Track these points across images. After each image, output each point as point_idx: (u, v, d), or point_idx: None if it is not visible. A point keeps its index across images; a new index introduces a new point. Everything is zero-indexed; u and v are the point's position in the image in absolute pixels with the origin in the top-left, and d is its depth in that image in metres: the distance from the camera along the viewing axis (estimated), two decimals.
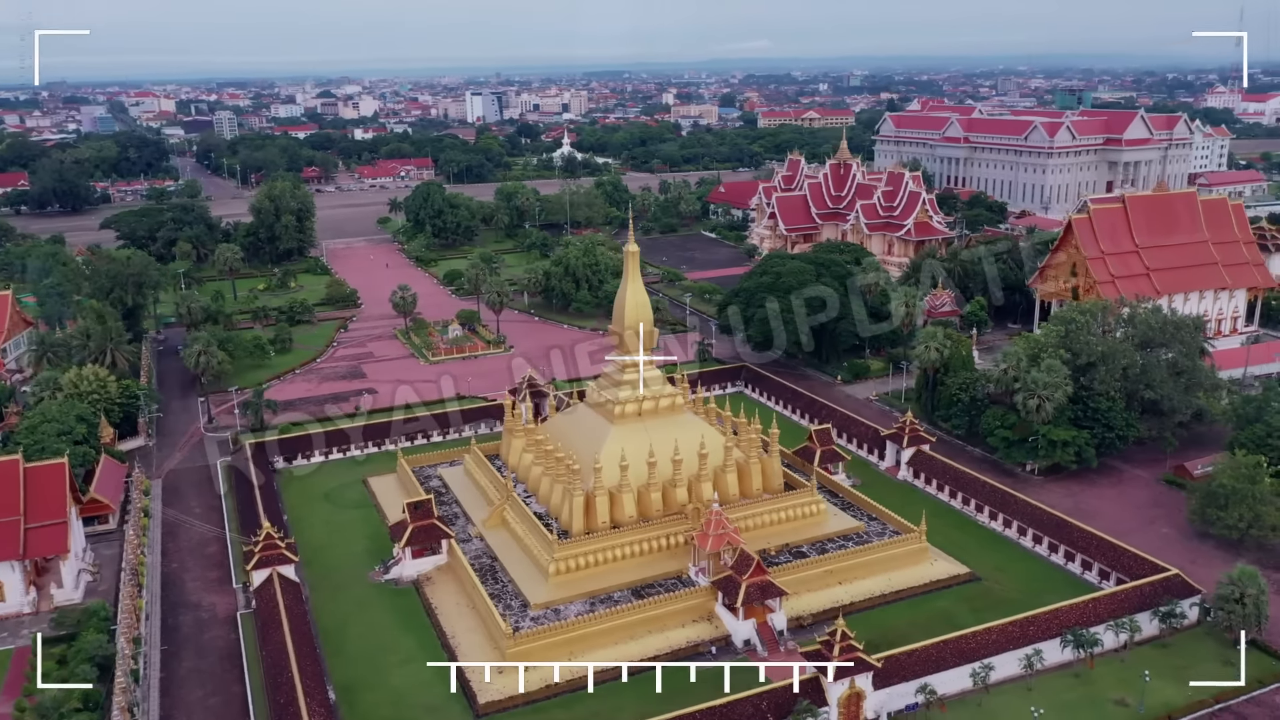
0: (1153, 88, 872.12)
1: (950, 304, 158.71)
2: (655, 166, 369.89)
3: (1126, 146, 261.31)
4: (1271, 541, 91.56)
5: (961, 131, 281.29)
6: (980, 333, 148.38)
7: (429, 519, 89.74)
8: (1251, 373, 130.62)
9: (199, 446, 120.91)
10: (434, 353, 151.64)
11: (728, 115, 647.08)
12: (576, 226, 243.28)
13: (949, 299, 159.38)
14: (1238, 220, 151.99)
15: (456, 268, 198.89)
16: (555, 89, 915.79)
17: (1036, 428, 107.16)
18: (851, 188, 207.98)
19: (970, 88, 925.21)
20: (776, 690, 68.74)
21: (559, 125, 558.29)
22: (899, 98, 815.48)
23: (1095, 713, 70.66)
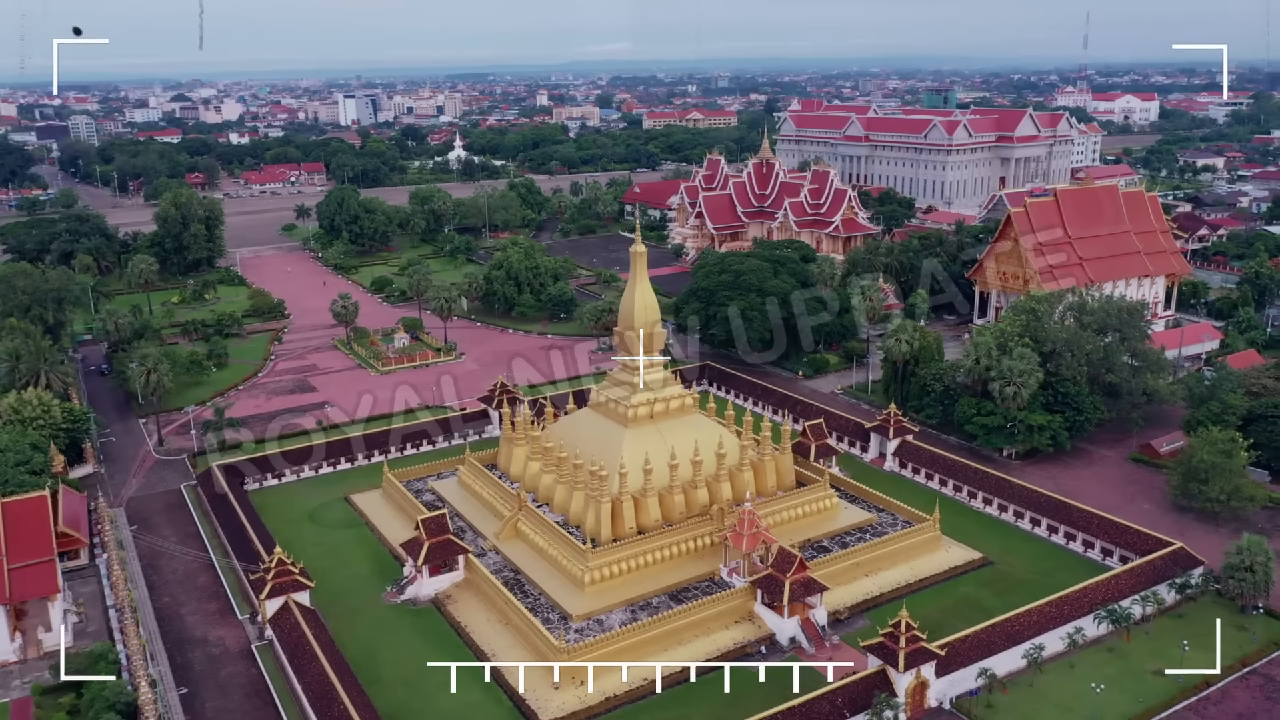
0: (1001, 88, 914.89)
1: (891, 298, 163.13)
2: (554, 169, 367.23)
3: (1018, 143, 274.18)
4: (1247, 512, 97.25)
5: (862, 130, 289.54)
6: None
7: (445, 534, 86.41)
8: (1184, 353, 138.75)
9: (154, 471, 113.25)
10: (383, 363, 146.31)
11: (609, 117, 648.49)
12: (495, 229, 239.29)
13: (890, 293, 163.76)
14: (1154, 211, 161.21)
15: (383, 275, 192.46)
16: (428, 91, 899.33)
17: (1014, 414, 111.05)
18: (775, 186, 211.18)
19: (833, 89, 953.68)
20: (849, 685, 68.91)
21: (442, 128, 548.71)
22: (769, 98, 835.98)
23: (1139, 684, 73.31)
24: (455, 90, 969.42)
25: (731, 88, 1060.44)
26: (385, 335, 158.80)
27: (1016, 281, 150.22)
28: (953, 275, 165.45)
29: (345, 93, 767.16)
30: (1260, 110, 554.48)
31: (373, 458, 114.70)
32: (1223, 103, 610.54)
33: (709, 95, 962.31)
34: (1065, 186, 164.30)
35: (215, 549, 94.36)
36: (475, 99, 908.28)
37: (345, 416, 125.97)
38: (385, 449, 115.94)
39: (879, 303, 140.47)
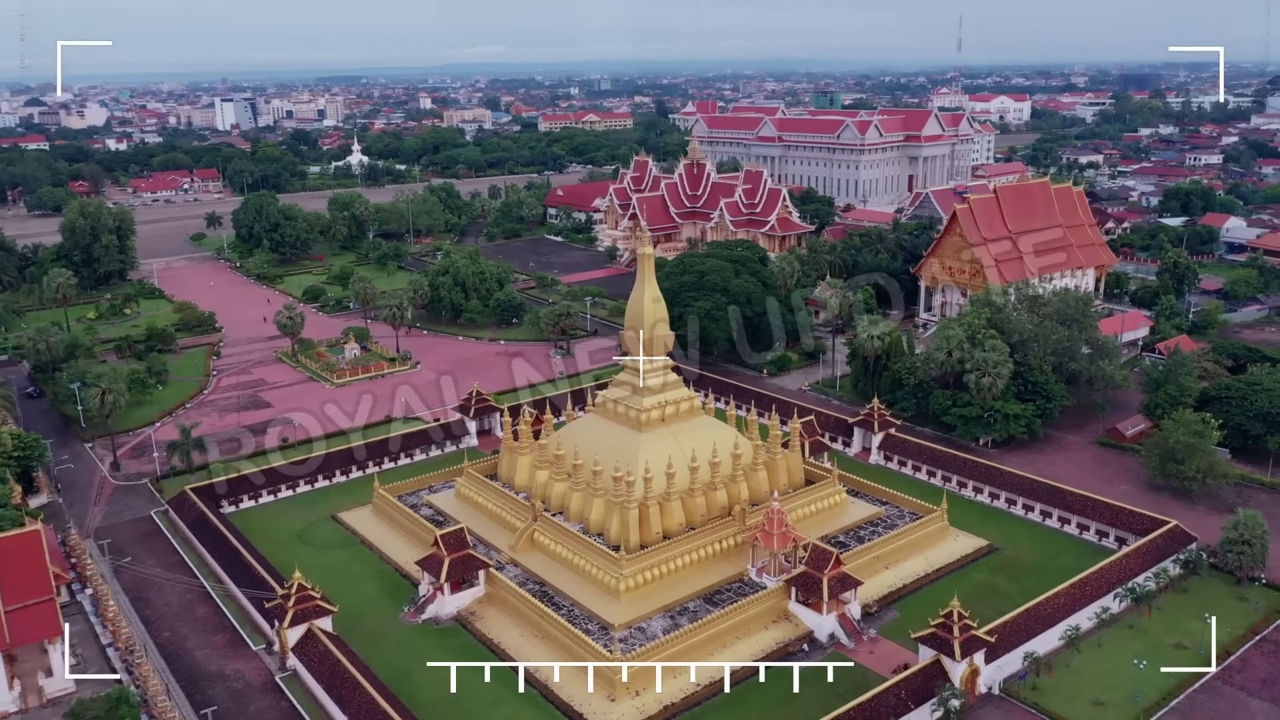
0: (874, 89, 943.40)
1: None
2: (461, 172, 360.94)
3: (925, 142, 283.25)
4: (1219, 489, 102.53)
5: (775, 131, 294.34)
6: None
7: (465, 549, 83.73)
8: (1122, 340, 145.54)
9: (116, 498, 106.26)
10: (337, 375, 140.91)
11: (500, 119, 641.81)
12: (418, 235, 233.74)
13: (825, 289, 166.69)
14: (1081, 206, 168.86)
15: (315, 284, 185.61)
16: (308, 94, 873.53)
17: (990, 404, 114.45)
18: (707, 187, 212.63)
19: (712, 90, 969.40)
20: (910, 678, 69.63)
21: (329, 132, 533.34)
22: (654, 99, 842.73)
23: (1164, 657, 76.29)
24: (333, 93, 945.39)
25: (614, 90, 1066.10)
26: (333, 346, 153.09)
27: (962, 276, 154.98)
28: (894, 272, 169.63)
29: (221, 96, 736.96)
30: (1124, 110, 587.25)
31: (351, 474, 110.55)
32: (1090, 103, 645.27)
33: (592, 97, 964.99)
34: (1006, 184, 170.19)
35: (207, 577, 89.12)
36: (355, 102, 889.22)
37: (308, 432, 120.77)
38: (363, 464, 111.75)
39: (846, 301, 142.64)
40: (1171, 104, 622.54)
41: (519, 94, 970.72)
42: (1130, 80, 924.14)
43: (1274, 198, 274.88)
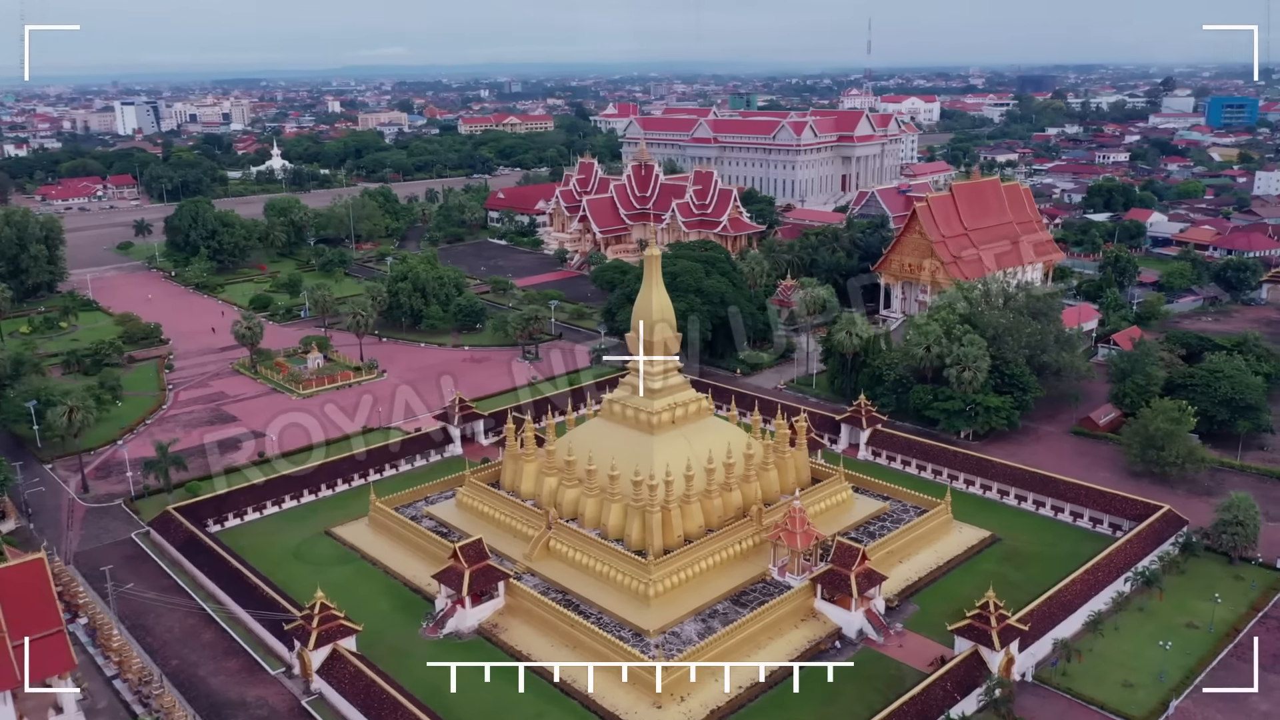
0: (782, 91, 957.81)
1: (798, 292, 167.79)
2: (388, 176, 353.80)
3: (858, 142, 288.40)
4: (1195, 474, 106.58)
5: (711, 132, 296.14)
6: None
7: (484, 561, 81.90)
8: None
9: (90, 521, 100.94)
10: (303, 385, 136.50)
11: (415, 122, 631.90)
12: (358, 240, 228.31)
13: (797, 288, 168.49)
14: (1028, 203, 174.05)
15: (262, 293, 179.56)
16: (212, 98, 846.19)
17: (972, 397, 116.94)
18: (655, 188, 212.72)
19: (624, 92, 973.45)
20: (954, 670, 70.53)
21: (240, 136, 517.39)
22: (567, 101, 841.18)
23: (1178, 638, 78.94)
24: (235, 96, 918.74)
25: (525, 93, 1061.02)
26: (291, 356, 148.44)
27: (923, 273, 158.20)
28: (851, 270, 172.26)
29: (121, 100, 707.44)
30: (1029, 110, 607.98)
31: (336, 487, 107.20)
32: (995, 103, 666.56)
33: (503, 100, 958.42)
34: (962, 182, 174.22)
35: (206, 600, 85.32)
36: (260, 105, 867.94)
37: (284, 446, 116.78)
38: (348, 477, 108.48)
39: (817, 301, 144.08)
40: (1072, 104, 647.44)
41: (428, 96, 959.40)
42: (1027, 82, 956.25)
43: (1185, 193, 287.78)
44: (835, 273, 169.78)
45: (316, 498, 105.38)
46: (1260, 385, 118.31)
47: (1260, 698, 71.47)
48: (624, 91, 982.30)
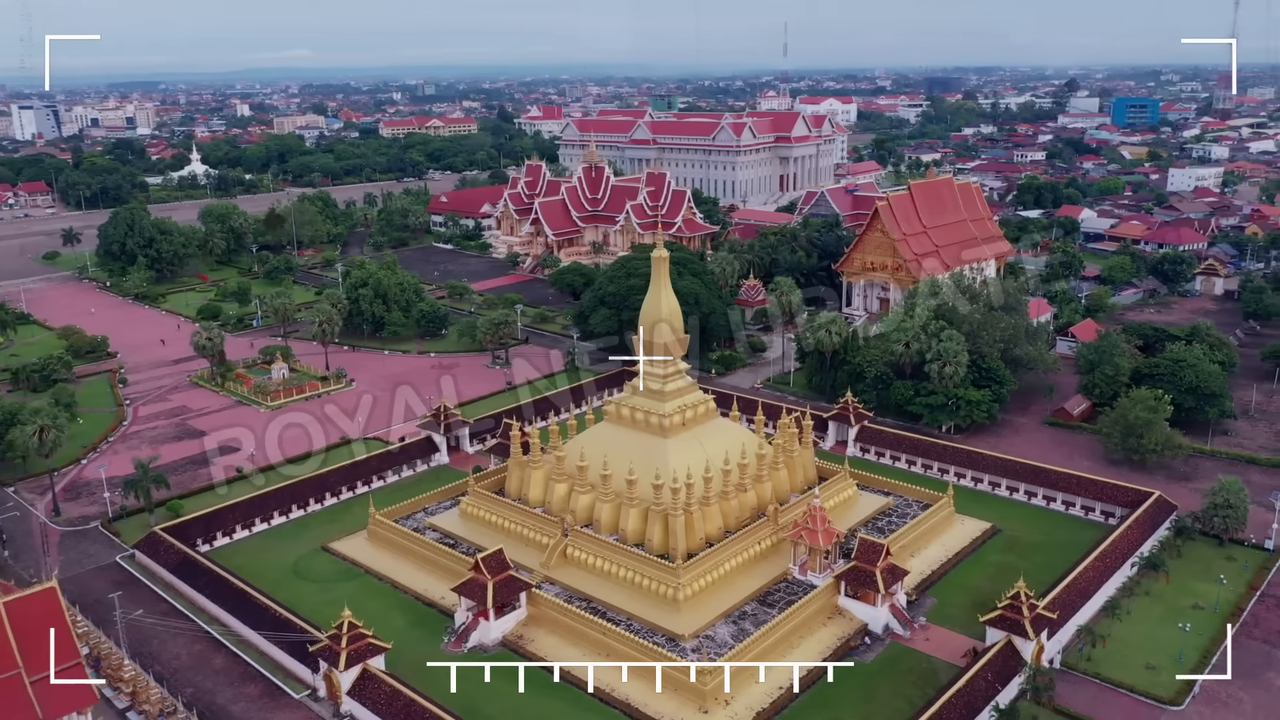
0: (695, 93, 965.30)
1: (762, 292, 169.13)
2: (316, 180, 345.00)
3: (795, 143, 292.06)
4: (1172, 460, 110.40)
5: (650, 133, 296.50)
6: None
7: (507, 571, 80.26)
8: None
9: (67, 545, 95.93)
10: (271, 397, 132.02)
11: (333, 125, 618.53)
12: (300, 246, 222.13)
13: (760, 288, 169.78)
14: (980, 200, 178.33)
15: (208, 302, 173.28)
16: (114, 101, 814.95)
17: (954, 391, 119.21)
18: (607, 190, 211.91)
19: (539, 94, 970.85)
20: (992, 660, 71.54)
21: (149, 140, 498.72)
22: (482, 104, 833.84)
23: (1187, 619, 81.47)
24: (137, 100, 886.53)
25: (439, 95, 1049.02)
26: (251, 367, 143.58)
27: (885, 271, 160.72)
28: (811, 269, 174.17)
29: (18, 104, 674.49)
30: (943, 111, 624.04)
31: (325, 501, 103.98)
32: (909, 104, 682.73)
33: (417, 102, 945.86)
34: (920, 181, 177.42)
35: (210, 623, 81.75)
36: (165, 109, 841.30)
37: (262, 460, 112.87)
38: (335, 490, 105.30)
39: (791, 300, 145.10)
40: (982, 105, 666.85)
41: (338, 99, 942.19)
42: (934, 83, 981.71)
43: (1105, 190, 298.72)
44: (796, 272, 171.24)
45: (306, 512, 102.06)
46: (1220, 373, 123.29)
47: (1276, 674, 74.33)
48: (539, 94, 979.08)
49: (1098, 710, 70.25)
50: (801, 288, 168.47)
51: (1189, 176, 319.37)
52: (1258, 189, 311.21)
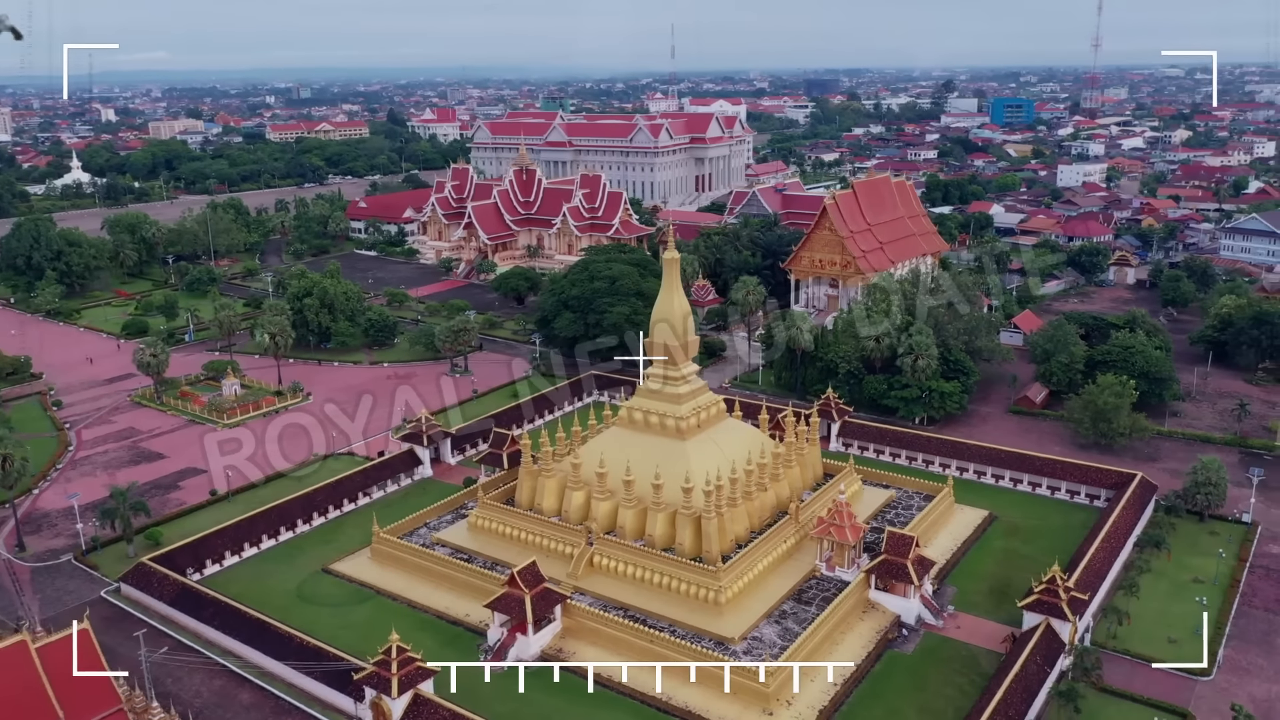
0: (578, 94, 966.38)
1: (713, 293, 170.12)
2: (213, 187, 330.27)
3: (710, 144, 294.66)
4: (1137, 443, 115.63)
5: (565, 136, 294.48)
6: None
7: (542, 583, 78.29)
8: None
9: (41, 582, 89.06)
10: (226, 415, 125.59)
11: (211, 130, 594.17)
12: (217, 256, 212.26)
13: (710, 288, 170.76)
14: (914, 198, 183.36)
15: (132, 318, 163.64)
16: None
17: (927, 384, 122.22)
18: (539, 193, 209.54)
19: (419, 97, 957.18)
20: (1039, 644, 73.35)
21: (14, 147, 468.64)
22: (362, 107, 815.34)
23: (1192, 593, 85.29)
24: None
25: (315, 98, 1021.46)
26: (193, 383, 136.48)
27: (833, 268, 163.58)
28: (757, 268, 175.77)
29: None
30: (830, 113, 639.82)
31: (313, 521, 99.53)
32: (795, 105, 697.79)
33: (293, 106, 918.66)
34: (862, 179, 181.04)
35: (226, 656, 77.11)
36: (20, 114, 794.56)
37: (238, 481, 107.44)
38: (323, 509, 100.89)
39: (756, 299, 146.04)
40: (866, 105, 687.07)
41: (208, 103, 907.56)
42: (812, 85, 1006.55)
43: (1003, 187, 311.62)
44: (742, 271, 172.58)
45: (296, 534, 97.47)
46: (1166, 358, 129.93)
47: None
48: (418, 97, 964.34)
49: (1135, 684, 72.82)
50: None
51: (1076, 173, 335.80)
52: (1138, 183, 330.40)
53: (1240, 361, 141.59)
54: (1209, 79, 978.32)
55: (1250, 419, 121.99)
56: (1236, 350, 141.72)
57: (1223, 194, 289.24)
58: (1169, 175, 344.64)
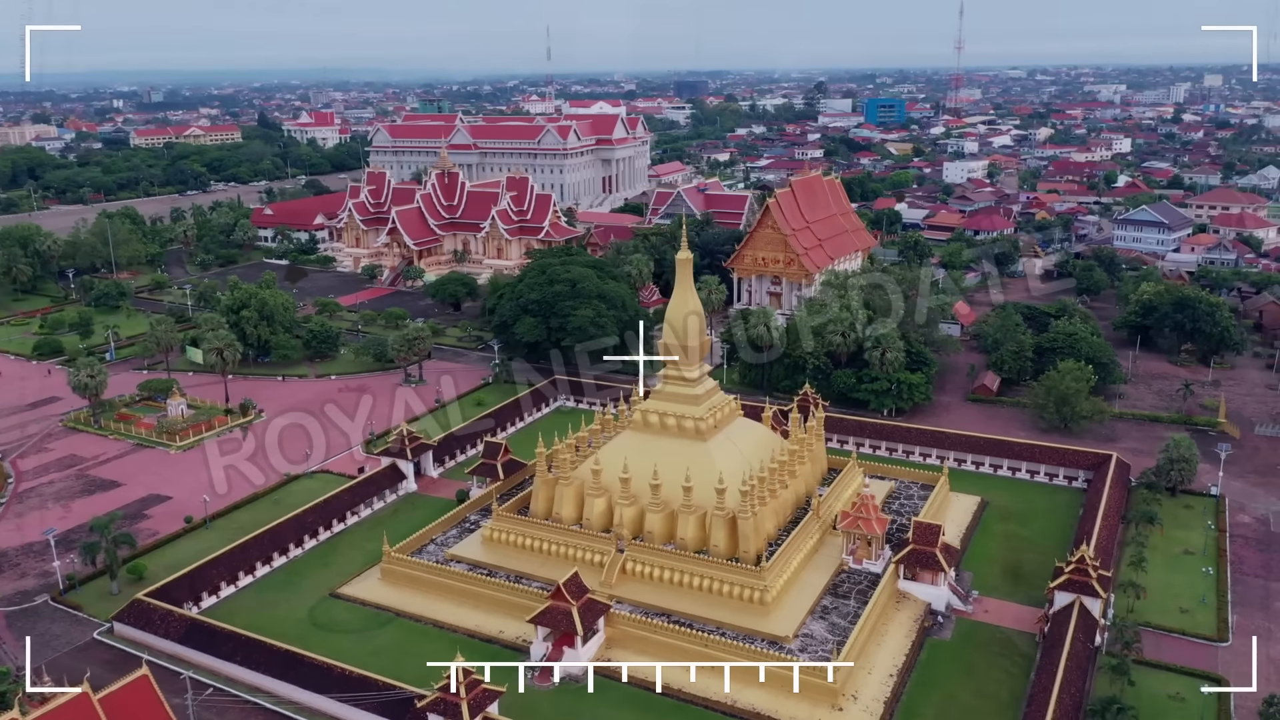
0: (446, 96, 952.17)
1: (656, 293, 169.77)
2: (88, 196, 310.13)
3: (616, 145, 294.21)
4: (1095, 426, 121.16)
5: (469, 138, 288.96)
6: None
7: (587, 594, 76.57)
8: None
9: (18, 628, 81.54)
10: (178, 436, 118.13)
11: (65, 135, 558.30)
12: (118, 269, 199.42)
13: (654, 289, 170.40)
14: (843, 195, 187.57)
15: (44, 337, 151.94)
16: None
17: (895, 376, 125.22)
18: (463, 197, 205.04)
19: (280, 100, 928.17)
20: (1079, 622, 75.83)
21: None
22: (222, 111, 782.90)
23: (1185, 563, 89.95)
24: None
25: (169, 102, 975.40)
26: (129, 405, 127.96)
27: (777, 265, 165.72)
28: (698, 267, 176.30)
29: None
30: (709, 113, 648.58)
31: (305, 545, 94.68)
32: (673, 107, 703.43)
33: (145, 110, 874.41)
34: (800, 178, 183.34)
35: (255, 693, 72.42)
36: None
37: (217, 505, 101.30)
38: (314, 531, 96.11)
39: (719, 298, 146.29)
40: (742, 106, 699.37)
41: (45, 107, 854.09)
42: (683, 87, 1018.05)
43: (896, 183, 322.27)
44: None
45: (289, 558, 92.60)
46: (1107, 344, 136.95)
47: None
48: (279, 100, 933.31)
49: (1163, 654, 76.29)
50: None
51: (960, 169, 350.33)
52: (1016, 179, 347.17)
53: (1162, 345, 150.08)
54: (1051, 80, 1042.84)
55: (1189, 398, 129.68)
56: (1159, 334, 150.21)
57: (1100, 188, 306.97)
58: (1043, 171, 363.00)
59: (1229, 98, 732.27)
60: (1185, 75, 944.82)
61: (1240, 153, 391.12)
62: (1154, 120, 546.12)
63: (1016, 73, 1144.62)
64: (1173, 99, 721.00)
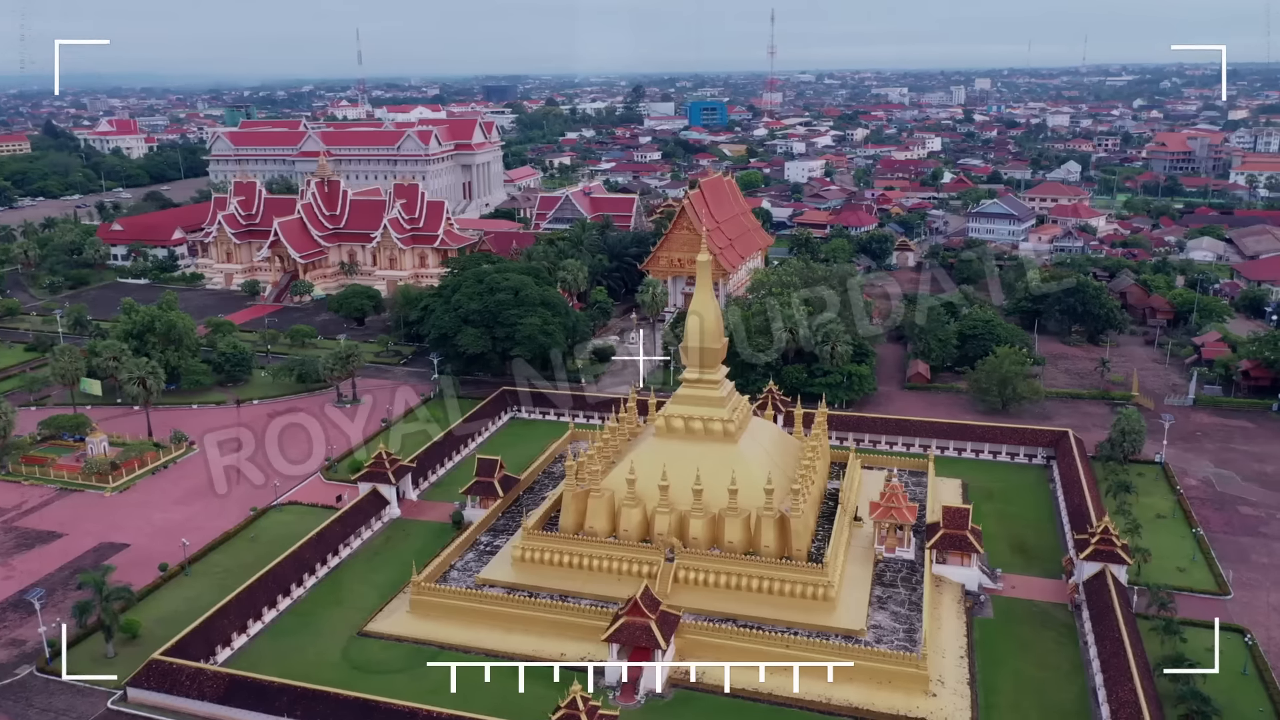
0: (237, 102, 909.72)
1: (574, 299, 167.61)
2: None
3: (476, 150, 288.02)
4: (1030, 405, 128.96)
5: (323, 144, 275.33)
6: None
7: (660, 607, 74.79)
8: None
9: (8, 706, 71.44)
10: (111, 477, 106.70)
11: None
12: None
13: (572, 296, 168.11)
14: (740, 197, 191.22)
15: None
16: None
17: (845, 368, 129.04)
18: (345, 206, 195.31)
19: (50, 108, 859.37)
20: (1115, 590, 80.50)
21: None
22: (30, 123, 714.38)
23: (1161, 526, 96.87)
24: None
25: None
26: (35, 445, 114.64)
27: (693, 266, 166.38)
28: (609, 270, 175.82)
29: None
30: (534, 118, 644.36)
31: (305, 583, 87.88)
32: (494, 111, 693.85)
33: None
34: (708, 179, 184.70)
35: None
36: None
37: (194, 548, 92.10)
38: (311, 568, 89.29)
39: (662, 301, 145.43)
40: (564, 111, 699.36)
41: None
42: (491, 92, 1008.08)
43: (748, 184, 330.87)
44: (597, 275, 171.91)
45: (293, 599, 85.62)
46: (1020, 329, 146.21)
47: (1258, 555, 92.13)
48: (49, 109, 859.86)
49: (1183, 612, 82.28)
50: (611, 290, 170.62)
51: (801, 169, 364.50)
52: (851, 176, 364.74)
53: (1052, 328, 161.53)
54: (839, 84, 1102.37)
55: (1092, 375, 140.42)
56: (1050, 317, 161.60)
57: (932, 184, 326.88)
58: (873, 169, 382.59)
59: (1002, 99, 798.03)
60: (956, 79, 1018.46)
61: (1037, 149, 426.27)
62: (950, 120, 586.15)
63: (806, 77, 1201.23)
64: (955, 101, 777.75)
